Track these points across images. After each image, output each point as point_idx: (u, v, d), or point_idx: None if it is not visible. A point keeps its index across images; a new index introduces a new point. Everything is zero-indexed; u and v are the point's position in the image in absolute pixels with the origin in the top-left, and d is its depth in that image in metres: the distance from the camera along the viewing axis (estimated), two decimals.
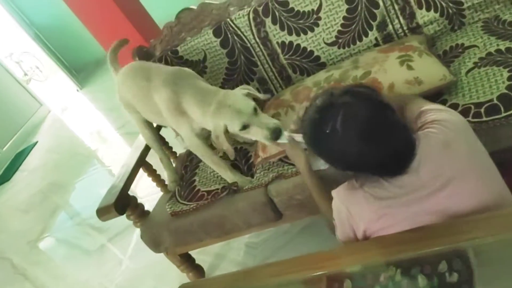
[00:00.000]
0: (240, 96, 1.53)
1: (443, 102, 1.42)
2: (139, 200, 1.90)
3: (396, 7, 1.73)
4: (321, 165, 1.46)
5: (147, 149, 2.01)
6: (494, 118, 1.30)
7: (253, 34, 1.94)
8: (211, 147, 1.78)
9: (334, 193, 1.14)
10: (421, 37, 1.67)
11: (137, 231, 1.98)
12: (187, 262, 1.99)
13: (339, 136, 0.96)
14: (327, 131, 0.97)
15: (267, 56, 1.97)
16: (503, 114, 1.30)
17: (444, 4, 1.67)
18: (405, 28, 1.75)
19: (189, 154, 2.09)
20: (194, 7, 2.08)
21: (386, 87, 1.47)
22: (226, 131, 1.52)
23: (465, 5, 1.65)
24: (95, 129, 4.64)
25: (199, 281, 1.61)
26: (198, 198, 1.75)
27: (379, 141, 0.95)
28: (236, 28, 1.94)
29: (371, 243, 1.05)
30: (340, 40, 1.85)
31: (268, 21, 1.89)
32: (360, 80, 1.54)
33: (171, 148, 2.27)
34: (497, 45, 1.49)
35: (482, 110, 1.32)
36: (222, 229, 1.66)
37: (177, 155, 2.27)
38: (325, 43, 1.87)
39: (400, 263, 0.97)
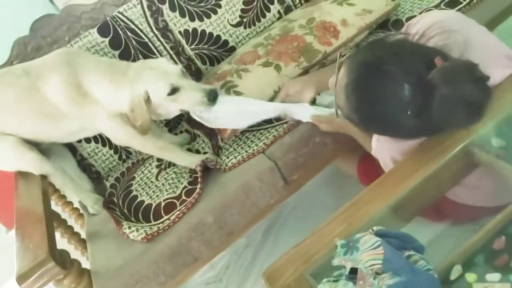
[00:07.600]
0: (163, 60, 1.37)
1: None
2: None
3: None
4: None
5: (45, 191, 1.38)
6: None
7: (150, 26, 1.65)
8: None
9: None
10: None
11: None
12: None
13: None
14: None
15: (170, 50, 1.70)
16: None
17: None
18: None
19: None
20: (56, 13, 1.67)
21: (339, 24, 1.47)
22: (148, 101, 1.26)
23: None
24: None
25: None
26: (168, 210, 1.29)
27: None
28: (128, 22, 1.63)
29: None
30: (245, 20, 1.77)
31: (165, 8, 1.66)
32: (308, 25, 1.50)
33: None
34: None
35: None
36: (223, 229, 1.23)
37: None
38: (230, 24, 1.76)
39: None
